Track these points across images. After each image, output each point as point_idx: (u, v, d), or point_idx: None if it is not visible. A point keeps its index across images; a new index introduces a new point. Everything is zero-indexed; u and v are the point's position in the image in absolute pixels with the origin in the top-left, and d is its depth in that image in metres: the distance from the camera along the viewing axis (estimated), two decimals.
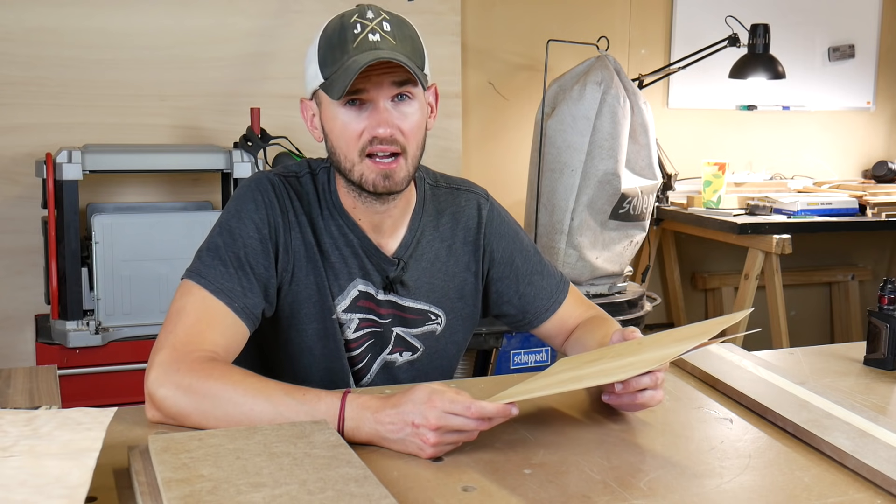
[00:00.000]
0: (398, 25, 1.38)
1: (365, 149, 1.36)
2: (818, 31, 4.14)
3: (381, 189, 1.38)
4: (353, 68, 1.31)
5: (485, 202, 1.60)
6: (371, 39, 1.35)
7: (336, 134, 1.39)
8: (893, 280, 1.60)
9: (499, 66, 3.66)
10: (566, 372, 1.29)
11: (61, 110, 2.99)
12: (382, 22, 1.37)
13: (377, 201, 1.43)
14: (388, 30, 1.37)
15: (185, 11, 3.11)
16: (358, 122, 1.36)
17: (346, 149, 1.38)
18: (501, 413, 1.15)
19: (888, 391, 1.47)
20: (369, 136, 1.36)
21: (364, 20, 1.36)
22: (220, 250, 1.38)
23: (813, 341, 3.68)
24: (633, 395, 1.26)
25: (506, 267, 1.59)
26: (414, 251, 1.51)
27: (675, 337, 1.28)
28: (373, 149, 1.36)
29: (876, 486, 1.10)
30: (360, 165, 1.38)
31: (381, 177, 1.37)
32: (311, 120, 1.45)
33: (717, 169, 3.58)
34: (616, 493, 1.06)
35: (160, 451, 1.04)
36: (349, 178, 1.40)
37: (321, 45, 1.38)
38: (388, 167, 1.37)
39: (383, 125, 1.35)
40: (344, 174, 1.41)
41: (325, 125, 1.41)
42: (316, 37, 1.41)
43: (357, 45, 1.34)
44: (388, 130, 1.35)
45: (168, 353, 1.26)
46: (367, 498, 0.94)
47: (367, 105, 1.36)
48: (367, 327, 1.50)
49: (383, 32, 1.36)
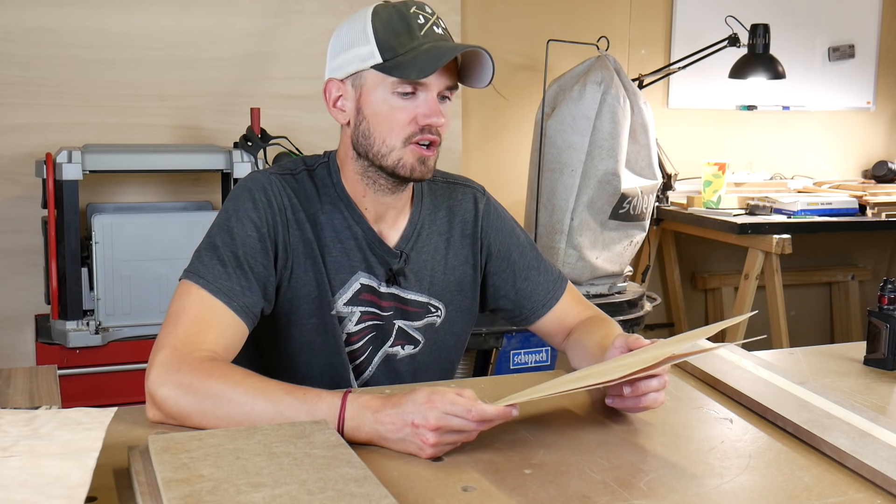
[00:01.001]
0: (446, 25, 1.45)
1: (412, 136, 1.40)
2: (818, 31, 4.14)
3: (416, 175, 1.41)
4: (436, 53, 1.35)
5: (481, 196, 1.61)
6: (437, 32, 1.40)
7: (381, 117, 1.40)
8: (893, 280, 1.60)
9: (499, 66, 3.61)
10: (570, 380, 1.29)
11: (61, 110, 2.99)
12: (439, 18, 1.43)
13: (392, 189, 1.46)
14: (444, 27, 1.43)
15: (185, 11, 3.11)
16: (408, 110, 1.39)
17: (388, 133, 1.40)
18: (502, 415, 1.15)
19: (888, 391, 1.47)
20: (420, 125, 1.39)
21: (425, 13, 1.41)
22: (218, 250, 1.38)
23: (813, 341, 3.68)
24: (637, 399, 1.27)
25: (503, 261, 1.59)
26: (415, 243, 1.52)
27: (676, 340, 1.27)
28: (422, 137, 1.39)
29: (876, 486, 1.10)
30: (401, 151, 1.40)
31: (419, 162, 1.41)
32: (334, 101, 1.46)
33: (717, 169, 3.58)
34: (616, 493, 1.06)
35: (160, 451, 1.04)
36: (382, 162, 1.42)
37: (377, 27, 1.39)
38: (426, 153, 1.41)
39: (437, 115, 1.39)
40: (375, 158, 1.42)
41: (366, 108, 1.42)
42: (360, 20, 1.41)
43: (425, 34, 1.38)
44: (441, 120, 1.40)
45: (168, 352, 1.26)
46: (367, 498, 0.94)
47: (416, 95, 1.39)
48: (368, 320, 1.50)
49: (443, 28, 1.42)
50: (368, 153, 1.42)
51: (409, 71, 1.35)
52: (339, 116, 1.46)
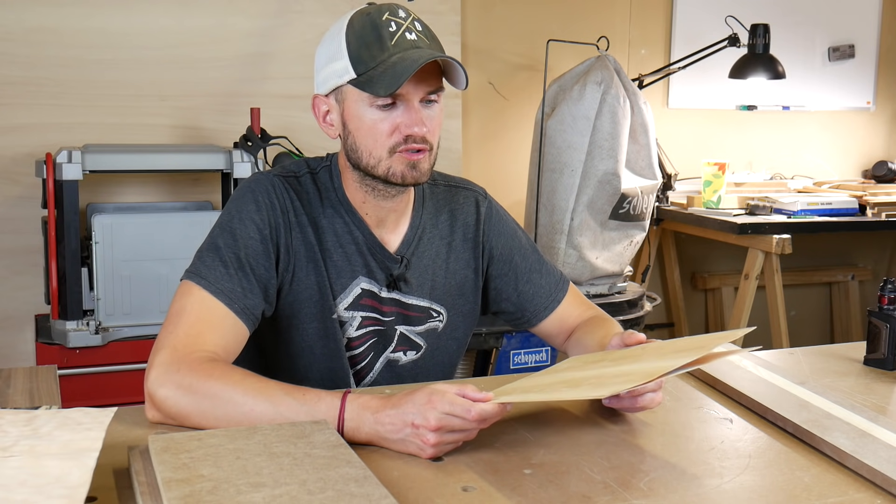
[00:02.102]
0: (425, 24, 1.40)
1: (397, 146, 1.37)
2: (818, 31, 4.14)
3: (409, 180, 1.39)
4: (401, 66, 1.32)
5: (483, 200, 1.60)
6: (409, 38, 1.36)
7: (364, 131, 1.39)
8: (893, 280, 1.60)
9: (499, 66, 3.66)
10: (567, 372, 1.29)
11: (61, 110, 2.99)
12: (415, 21, 1.38)
13: (388, 194, 1.44)
14: (421, 29, 1.38)
15: (185, 11, 3.11)
16: (389, 121, 1.37)
17: (374, 145, 1.38)
18: (499, 413, 1.15)
19: (888, 391, 1.47)
20: (403, 134, 1.37)
21: (397, 19, 1.37)
22: (220, 251, 1.38)
23: (813, 341, 3.68)
24: (633, 399, 1.27)
25: (505, 264, 1.59)
26: (416, 248, 1.51)
27: (675, 347, 1.27)
28: (406, 147, 1.37)
29: (876, 486, 1.10)
30: (389, 160, 1.38)
31: (409, 167, 1.38)
32: (324, 117, 1.45)
33: (717, 169, 3.58)
34: (616, 493, 1.06)
35: (160, 451, 1.04)
36: (373, 173, 1.40)
37: (350, 40, 1.37)
38: (414, 158, 1.38)
39: (418, 124, 1.36)
40: (366, 170, 1.41)
41: (350, 122, 1.40)
42: (337, 32, 1.39)
43: (396, 43, 1.35)
44: (424, 129, 1.37)
45: (168, 353, 1.26)
46: (367, 498, 0.94)
47: (396, 105, 1.36)
48: (369, 325, 1.50)
49: (417, 32, 1.37)
50: (359, 164, 1.42)
51: (377, 87, 1.33)
52: (329, 131, 1.46)
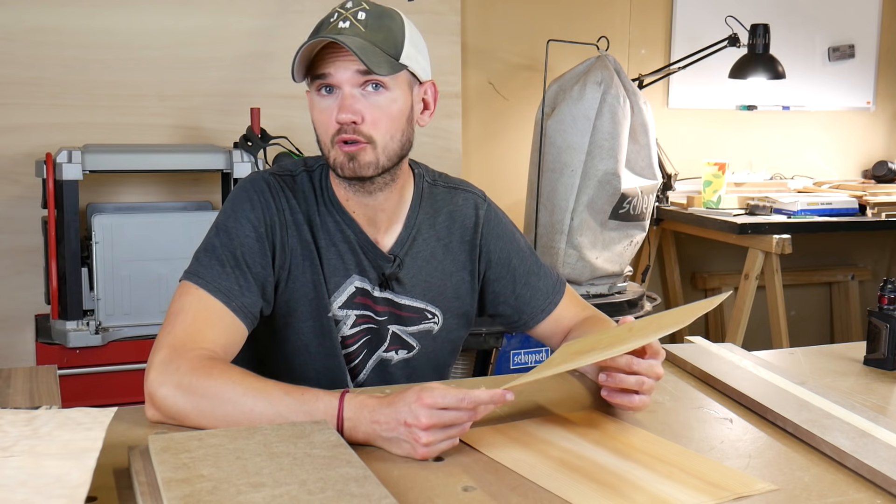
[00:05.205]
0: (377, 16, 1.38)
1: (335, 135, 1.37)
2: (818, 31, 4.14)
3: (347, 172, 1.39)
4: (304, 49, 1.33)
5: (482, 202, 1.59)
6: (340, 26, 1.36)
7: (314, 121, 1.41)
8: (893, 280, 1.60)
9: (499, 66, 3.66)
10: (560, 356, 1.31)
11: (61, 110, 2.99)
12: (359, 11, 1.37)
13: (363, 190, 1.43)
14: (362, 18, 1.37)
15: (185, 11, 3.11)
16: (329, 110, 1.38)
17: (322, 135, 1.40)
18: (495, 398, 1.14)
19: (888, 391, 1.47)
20: (336, 122, 1.37)
21: (342, 9, 1.38)
22: (217, 250, 1.38)
23: (813, 341, 3.68)
24: (629, 397, 1.28)
25: (502, 268, 1.58)
26: (410, 248, 1.51)
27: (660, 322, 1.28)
28: (339, 137, 1.37)
29: (876, 486, 1.10)
30: (334, 151, 1.39)
31: (346, 159, 1.38)
32: None
33: (717, 169, 3.58)
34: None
35: (160, 451, 1.04)
36: (329, 164, 1.41)
37: None
38: (350, 150, 1.37)
39: (344, 111, 1.35)
40: (326, 161, 1.42)
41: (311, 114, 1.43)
42: None
43: (328, 31, 1.35)
44: (348, 117, 1.35)
45: (167, 352, 1.26)
46: (367, 498, 0.94)
47: (334, 91, 1.37)
48: (363, 324, 1.50)
49: (355, 20, 1.36)
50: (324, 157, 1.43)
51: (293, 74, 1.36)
52: None
